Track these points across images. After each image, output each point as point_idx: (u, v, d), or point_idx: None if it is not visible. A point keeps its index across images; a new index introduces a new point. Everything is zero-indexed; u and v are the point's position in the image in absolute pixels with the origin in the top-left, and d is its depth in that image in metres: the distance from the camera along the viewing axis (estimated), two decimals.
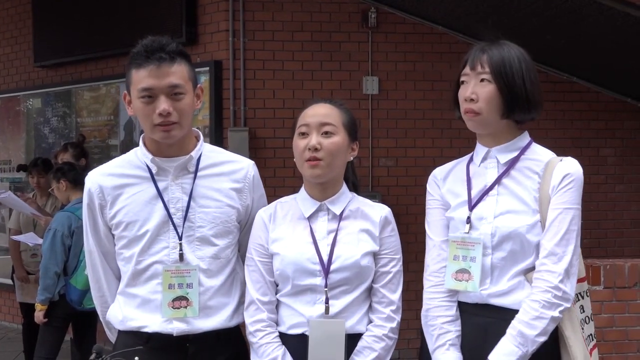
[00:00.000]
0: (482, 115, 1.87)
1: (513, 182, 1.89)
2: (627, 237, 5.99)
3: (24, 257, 5.13)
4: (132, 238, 1.99)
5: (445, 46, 5.58)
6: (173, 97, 1.92)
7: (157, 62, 1.90)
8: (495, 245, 1.86)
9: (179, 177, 2.00)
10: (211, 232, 2.00)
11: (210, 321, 1.99)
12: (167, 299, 1.96)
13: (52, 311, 4.20)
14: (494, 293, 1.87)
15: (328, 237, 1.97)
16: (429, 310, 1.95)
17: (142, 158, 2.02)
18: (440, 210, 1.98)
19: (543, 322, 1.79)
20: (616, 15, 4.34)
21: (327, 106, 2.02)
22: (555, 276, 1.80)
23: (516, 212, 1.86)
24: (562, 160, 1.89)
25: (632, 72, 5.55)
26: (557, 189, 1.84)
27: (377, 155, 5.59)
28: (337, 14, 5.54)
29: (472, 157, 1.99)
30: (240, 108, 5.45)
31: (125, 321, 2.01)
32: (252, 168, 2.11)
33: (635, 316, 3.87)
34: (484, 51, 1.89)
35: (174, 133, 1.94)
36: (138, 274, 2.00)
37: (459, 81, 1.92)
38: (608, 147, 6.01)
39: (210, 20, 5.51)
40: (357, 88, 5.56)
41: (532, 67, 1.91)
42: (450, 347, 1.90)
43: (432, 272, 1.96)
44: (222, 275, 2.02)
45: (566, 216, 1.83)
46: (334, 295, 1.93)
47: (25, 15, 6.86)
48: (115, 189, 2.01)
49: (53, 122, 6.73)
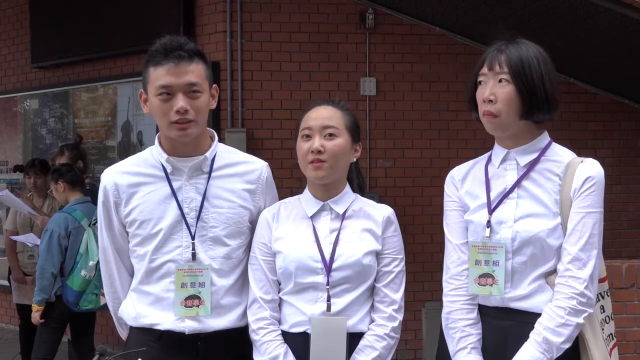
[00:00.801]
0: (501, 117, 1.83)
1: (533, 184, 1.86)
2: (624, 238, 6.00)
3: (20, 258, 5.12)
4: (145, 236, 2.01)
5: (442, 47, 5.59)
6: (190, 95, 1.94)
7: (176, 60, 1.92)
8: (515, 250, 1.84)
9: (193, 177, 2.02)
10: (224, 232, 2.01)
11: (221, 320, 2.01)
12: (179, 298, 1.98)
13: (49, 312, 4.20)
14: (514, 297, 1.85)
15: (330, 235, 1.99)
16: (451, 313, 1.93)
17: (157, 157, 2.04)
18: (459, 212, 1.96)
19: (569, 329, 1.77)
20: (613, 17, 4.34)
21: (330, 108, 2.03)
22: (581, 282, 1.77)
23: (537, 215, 1.83)
24: (584, 161, 1.85)
25: (629, 74, 5.56)
26: (579, 192, 1.81)
27: (374, 157, 5.59)
28: (334, 15, 5.54)
29: (490, 157, 1.96)
30: (237, 109, 5.45)
31: (139, 318, 2.03)
32: (266, 169, 2.13)
33: (632, 317, 3.88)
34: (501, 51, 1.85)
35: (191, 131, 1.96)
36: (151, 272, 2.02)
37: (477, 81, 1.88)
38: (605, 148, 6.02)
39: (208, 21, 5.51)
40: (354, 89, 5.56)
41: (551, 66, 1.87)
42: (472, 350, 1.88)
43: (452, 275, 1.94)
44: (234, 275, 2.04)
45: (589, 220, 1.80)
46: (335, 294, 1.95)
47: (23, 16, 6.86)
48: (130, 187, 2.03)
49: (50, 123, 6.73)
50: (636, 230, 6.03)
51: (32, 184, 5.14)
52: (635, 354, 3.89)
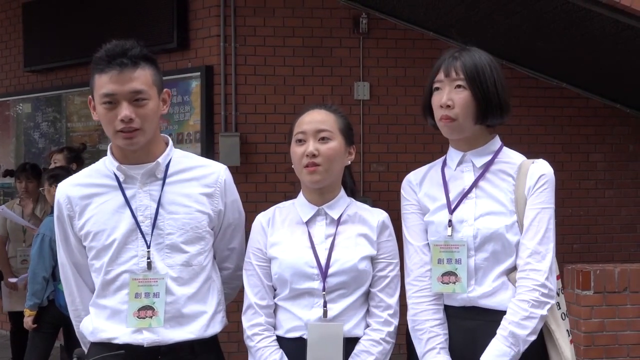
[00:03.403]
0: (458, 121, 1.90)
1: (489, 184, 1.94)
2: (616, 242, 6.02)
3: (13, 263, 5.09)
4: (100, 248, 1.95)
5: (436, 52, 5.58)
6: (135, 103, 1.88)
7: (119, 68, 1.87)
8: (477, 247, 1.90)
9: (147, 184, 1.96)
10: (181, 239, 1.95)
11: (182, 331, 1.94)
12: (132, 309, 1.92)
13: (42, 317, 4.18)
14: (480, 295, 1.89)
15: (326, 241, 1.98)
16: (417, 315, 1.96)
17: (109, 166, 1.99)
18: (418, 215, 2.01)
19: (533, 321, 1.82)
20: (605, 22, 4.37)
21: (323, 112, 2.03)
22: (541, 274, 1.84)
23: (495, 213, 1.90)
24: (534, 162, 1.94)
25: (621, 78, 5.59)
26: (534, 190, 1.89)
27: (368, 161, 5.60)
28: (328, 20, 5.55)
29: (446, 161, 2.03)
30: (231, 113, 5.44)
31: (96, 333, 1.97)
32: (223, 172, 2.06)
33: (625, 321, 3.89)
34: (456, 58, 1.93)
35: (137, 140, 1.90)
36: (107, 285, 1.96)
37: (432, 88, 1.96)
38: (598, 152, 6.05)
39: (202, 25, 5.50)
40: (348, 93, 5.57)
41: (502, 73, 1.96)
42: (440, 350, 1.91)
43: (416, 277, 1.98)
44: (196, 282, 1.97)
45: (544, 215, 1.88)
46: (331, 299, 1.95)
47: (16, 19, 6.84)
48: (83, 199, 1.98)
49: (43, 127, 6.70)
50: (628, 234, 6.06)
51: (24, 188, 5.11)
52: (628, 357, 3.90)
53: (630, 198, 6.08)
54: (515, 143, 2.23)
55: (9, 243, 5.11)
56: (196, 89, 5.45)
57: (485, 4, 4.82)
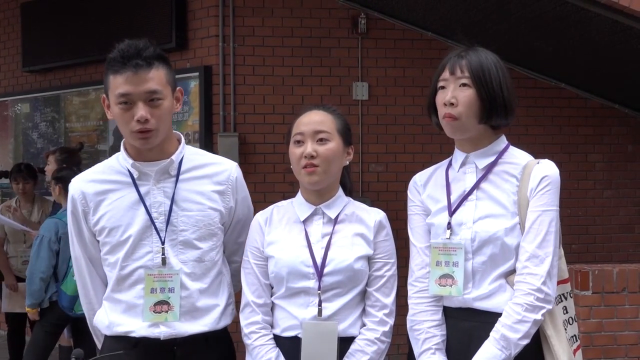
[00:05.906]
0: (461, 120, 1.88)
1: (491, 186, 1.91)
2: (615, 242, 6.03)
3: (14, 263, 5.09)
4: (115, 244, 1.99)
5: (434, 52, 5.60)
6: (151, 103, 1.91)
7: (134, 69, 1.89)
8: (475, 250, 1.88)
9: (161, 181, 1.99)
10: (194, 235, 1.99)
11: (196, 325, 1.99)
12: (148, 303, 1.96)
13: (44, 316, 4.20)
14: (476, 297, 1.88)
15: (322, 240, 1.99)
16: (415, 315, 1.96)
17: (123, 163, 2.01)
18: (422, 216, 2.00)
19: (526, 325, 1.80)
20: (604, 23, 4.37)
21: (321, 113, 2.04)
22: (538, 278, 1.81)
23: (495, 216, 1.88)
24: (539, 162, 1.90)
25: (620, 79, 5.60)
26: (536, 191, 1.86)
27: (367, 161, 5.60)
28: (327, 20, 5.55)
29: (451, 162, 2.01)
30: (230, 113, 5.44)
31: (112, 326, 2.00)
32: (235, 170, 2.09)
33: (623, 321, 3.89)
34: (462, 56, 1.91)
35: (152, 140, 1.94)
36: (123, 280, 1.99)
37: (437, 87, 1.94)
38: (596, 152, 6.05)
39: (200, 26, 5.50)
40: (347, 94, 5.56)
41: (508, 74, 1.94)
42: (436, 351, 1.91)
43: (417, 277, 1.98)
44: (208, 277, 2.02)
45: (545, 218, 1.84)
46: (327, 298, 1.95)
47: (14, 19, 6.83)
48: (97, 195, 2.00)
49: (42, 127, 6.70)
50: (627, 234, 6.06)
51: (21, 189, 5.11)
52: (626, 358, 3.90)
53: (628, 198, 6.08)
54: (514, 143, 2.23)
55: (10, 244, 5.11)
56: (195, 89, 5.44)
57: (484, 5, 4.82)
